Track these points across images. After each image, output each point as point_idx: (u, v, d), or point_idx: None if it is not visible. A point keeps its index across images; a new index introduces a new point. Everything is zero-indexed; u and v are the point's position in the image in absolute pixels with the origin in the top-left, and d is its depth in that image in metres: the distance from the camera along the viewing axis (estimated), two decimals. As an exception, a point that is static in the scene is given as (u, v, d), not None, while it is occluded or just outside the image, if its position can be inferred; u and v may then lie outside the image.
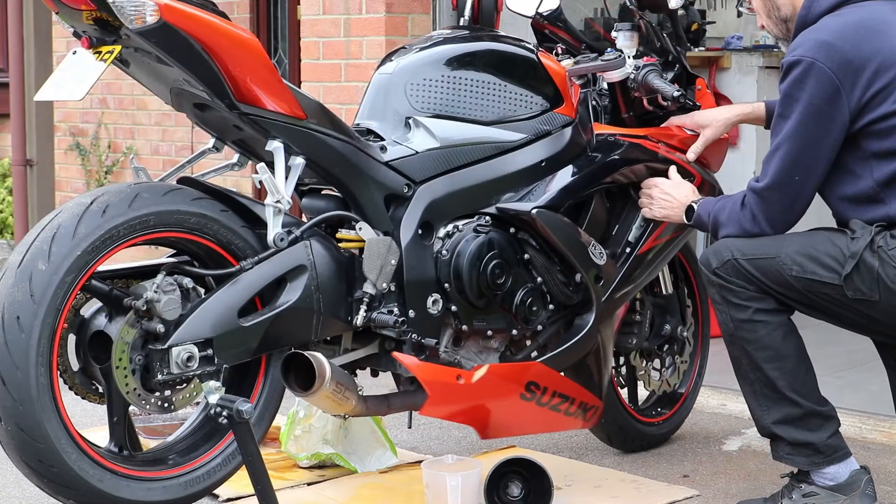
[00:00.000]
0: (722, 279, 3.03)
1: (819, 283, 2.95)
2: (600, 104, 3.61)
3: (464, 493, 3.14)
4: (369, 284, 3.05)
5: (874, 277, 2.89)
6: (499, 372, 3.18)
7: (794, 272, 2.96)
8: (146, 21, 2.71)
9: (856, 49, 2.91)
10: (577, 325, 3.40)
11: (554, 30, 3.69)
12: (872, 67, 2.90)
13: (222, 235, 2.91)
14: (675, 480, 3.59)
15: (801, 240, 3.00)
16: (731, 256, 3.02)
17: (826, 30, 2.95)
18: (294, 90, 2.98)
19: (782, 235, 3.04)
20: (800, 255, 2.96)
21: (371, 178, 3.10)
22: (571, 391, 3.33)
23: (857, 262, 2.89)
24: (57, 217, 2.74)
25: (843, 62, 2.90)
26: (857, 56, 2.91)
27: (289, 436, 3.62)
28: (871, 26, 2.95)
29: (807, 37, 2.96)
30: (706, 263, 3.07)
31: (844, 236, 2.95)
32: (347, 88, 5.80)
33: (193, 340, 2.83)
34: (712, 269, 3.05)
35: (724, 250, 3.05)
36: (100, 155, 7.61)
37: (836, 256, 2.93)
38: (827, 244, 2.96)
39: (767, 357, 3.00)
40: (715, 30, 7.92)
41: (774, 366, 3.00)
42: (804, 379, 3.03)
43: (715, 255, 3.06)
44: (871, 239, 2.90)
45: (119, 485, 2.79)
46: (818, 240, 2.99)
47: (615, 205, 3.55)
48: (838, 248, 2.94)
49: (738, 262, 3.01)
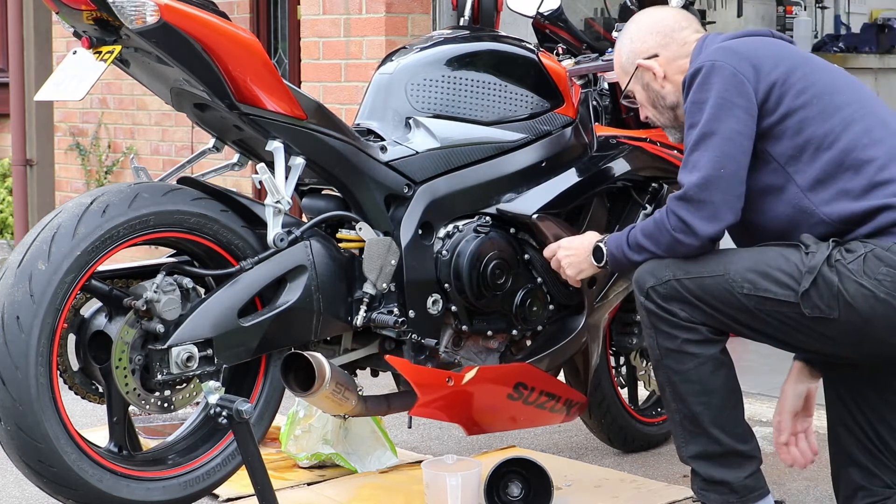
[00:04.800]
0: (653, 303, 2.81)
1: (773, 302, 2.73)
2: (601, 104, 3.61)
3: (464, 493, 3.14)
4: (369, 284, 3.05)
5: (833, 293, 2.68)
6: (488, 374, 3.19)
7: (746, 290, 2.74)
8: (146, 21, 2.72)
9: (754, 52, 2.84)
10: (567, 327, 3.40)
11: (555, 30, 3.69)
12: (770, 64, 2.82)
13: (222, 235, 2.91)
14: (675, 480, 3.59)
15: (750, 256, 2.79)
16: (672, 276, 2.80)
17: (723, 44, 2.89)
18: (294, 90, 2.98)
19: (728, 252, 2.83)
20: (751, 271, 2.75)
21: (371, 179, 3.10)
22: (558, 390, 3.35)
23: (814, 278, 2.69)
24: (57, 217, 2.74)
25: (743, 60, 2.81)
26: (756, 56, 2.83)
27: (289, 436, 3.62)
28: (766, 42, 2.91)
29: (704, 52, 2.89)
30: (640, 282, 2.83)
31: (798, 251, 2.75)
32: (347, 88, 5.80)
33: (193, 340, 2.83)
34: (646, 290, 2.82)
35: (663, 269, 2.82)
36: (100, 155, 7.61)
37: (790, 272, 2.72)
38: (780, 260, 2.75)
39: (693, 391, 2.80)
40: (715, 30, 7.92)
41: (699, 400, 2.80)
42: (729, 414, 2.83)
43: (652, 273, 2.83)
44: (829, 254, 2.71)
45: (119, 485, 2.79)
46: (769, 255, 2.77)
47: (615, 205, 3.55)
48: (793, 264, 2.73)
49: (681, 281, 2.79)
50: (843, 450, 3.00)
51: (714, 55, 2.84)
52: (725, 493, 2.84)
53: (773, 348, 2.90)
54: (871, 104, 2.87)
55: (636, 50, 3.01)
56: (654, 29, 3.00)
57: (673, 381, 2.83)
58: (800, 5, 8.74)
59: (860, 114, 2.82)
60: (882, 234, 2.71)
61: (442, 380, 3.10)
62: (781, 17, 8.67)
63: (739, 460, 2.84)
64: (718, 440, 2.83)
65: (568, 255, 3.09)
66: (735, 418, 2.85)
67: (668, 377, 2.84)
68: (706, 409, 2.82)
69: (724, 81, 2.79)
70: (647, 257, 2.86)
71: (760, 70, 2.81)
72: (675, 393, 2.84)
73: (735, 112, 2.78)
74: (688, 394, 2.82)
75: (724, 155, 2.77)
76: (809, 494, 3.50)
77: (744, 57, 2.83)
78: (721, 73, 2.80)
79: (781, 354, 3.04)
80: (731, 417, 2.84)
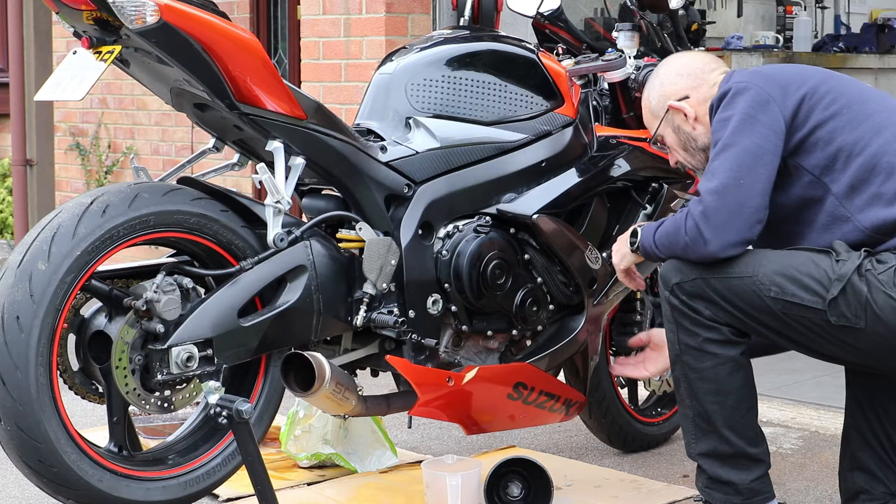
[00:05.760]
0: (678, 299, 2.82)
1: (799, 307, 2.72)
2: (601, 104, 3.61)
3: (464, 493, 3.14)
4: (369, 284, 3.05)
5: (861, 303, 2.67)
6: (488, 374, 3.19)
7: (773, 293, 2.74)
8: (146, 21, 2.71)
9: (781, 73, 2.87)
10: (567, 327, 3.40)
11: (555, 30, 3.69)
12: (798, 81, 2.84)
13: (222, 235, 2.91)
14: (675, 480, 3.59)
15: (779, 259, 2.78)
16: (700, 275, 2.80)
17: (752, 69, 2.92)
18: (294, 90, 2.98)
19: (757, 253, 2.81)
20: (779, 275, 2.74)
21: (371, 179, 3.10)
22: (557, 389, 3.35)
23: (843, 286, 2.68)
24: (57, 217, 2.74)
25: (770, 80, 2.84)
26: (783, 76, 2.86)
27: (289, 436, 3.62)
28: (794, 66, 2.94)
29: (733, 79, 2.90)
30: (666, 277, 2.85)
31: (828, 258, 2.74)
32: (347, 88, 5.80)
33: (193, 340, 2.83)
34: (671, 285, 2.83)
35: (691, 267, 2.81)
36: (100, 155, 7.61)
37: (819, 279, 2.71)
38: (809, 265, 2.74)
39: (708, 390, 2.82)
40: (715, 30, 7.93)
41: (714, 399, 2.82)
42: (743, 417, 2.84)
43: (679, 270, 2.83)
44: (860, 263, 2.70)
45: (118, 485, 2.79)
46: (799, 260, 2.76)
47: (615, 205, 3.55)
48: (822, 270, 2.72)
49: (708, 280, 2.79)
50: (851, 453, 3.01)
51: (741, 78, 2.86)
52: (730, 493, 2.85)
53: None
54: None
55: (666, 93, 3.02)
56: (683, 71, 3.02)
57: (689, 378, 2.84)
58: (800, 5, 8.74)
59: (890, 120, 2.84)
60: None
61: (442, 380, 3.10)
62: (781, 17, 8.66)
63: (748, 463, 2.85)
64: (729, 441, 2.83)
65: (616, 246, 3.09)
66: (748, 421, 2.85)
67: (685, 373, 2.85)
68: (720, 409, 2.82)
69: (750, 100, 2.81)
70: (667, 255, 2.86)
71: (788, 87, 2.83)
72: (691, 390, 2.84)
73: (758, 128, 2.78)
74: (703, 392, 2.82)
75: (742, 165, 2.76)
76: (809, 494, 3.50)
77: (770, 78, 2.85)
78: (747, 92, 2.82)
79: (781, 354, 3.04)
80: (745, 420, 2.85)
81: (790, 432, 4.11)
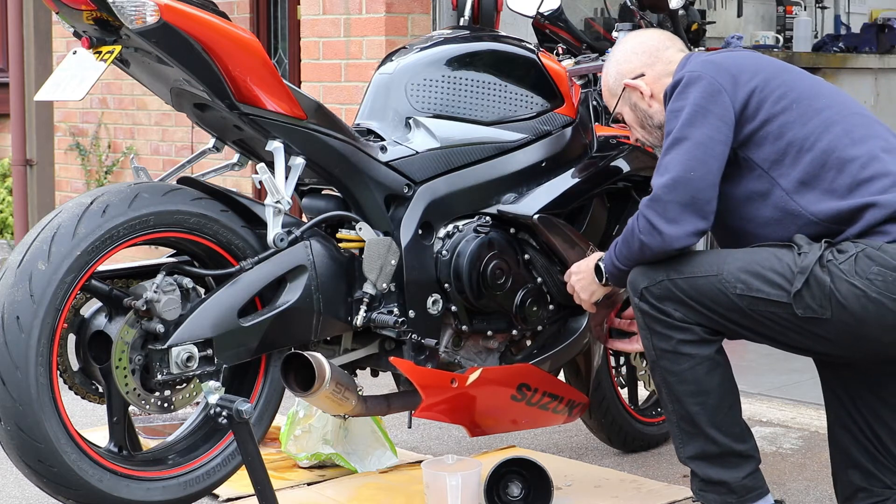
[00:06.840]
0: (647, 303, 2.82)
1: (766, 302, 2.74)
2: (601, 104, 3.61)
3: (464, 493, 3.14)
4: (369, 285, 3.05)
5: (825, 294, 2.69)
6: (492, 375, 3.19)
7: (739, 290, 2.75)
8: (146, 21, 2.72)
9: (734, 63, 2.88)
10: (570, 328, 3.40)
11: (555, 30, 3.69)
12: (749, 73, 2.85)
13: (222, 235, 2.91)
14: (675, 480, 3.59)
15: (743, 256, 2.80)
16: (666, 276, 2.81)
17: (705, 57, 2.92)
18: (294, 90, 2.98)
19: (721, 252, 2.84)
20: (743, 272, 2.76)
21: (371, 179, 3.10)
22: (560, 390, 3.35)
23: (806, 278, 2.70)
24: (57, 217, 2.74)
25: (721, 70, 2.84)
26: (735, 66, 2.86)
27: (289, 436, 3.62)
28: (748, 54, 2.95)
29: (686, 66, 2.91)
30: (634, 284, 2.85)
31: (790, 251, 2.76)
32: (347, 88, 5.80)
33: (193, 340, 2.83)
34: (640, 291, 2.83)
35: (656, 269, 2.82)
36: (100, 155, 7.61)
37: (783, 273, 2.73)
38: (772, 260, 2.76)
39: (688, 391, 2.81)
40: (715, 30, 7.93)
41: (695, 400, 2.81)
42: (726, 414, 2.83)
43: (645, 274, 2.84)
44: (821, 254, 2.71)
45: (118, 485, 2.79)
46: (763, 256, 2.78)
47: (615, 205, 3.55)
48: (785, 264, 2.73)
49: (675, 281, 2.80)
50: (841, 450, 3.00)
51: (694, 67, 2.87)
52: (724, 493, 2.85)
53: (773, 348, 2.90)
54: (852, 107, 2.90)
55: (622, 71, 3.04)
56: (639, 49, 3.04)
57: (669, 382, 2.84)
58: (800, 5, 8.73)
59: (840, 115, 2.85)
60: (871, 234, 2.73)
61: (446, 382, 3.10)
62: (781, 17, 8.66)
63: (737, 460, 2.85)
64: (716, 440, 2.83)
65: (578, 280, 3.12)
66: (732, 418, 2.85)
67: (664, 378, 2.84)
68: (702, 409, 2.82)
69: (701, 90, 2.82)
70: (631, 264, 2.88)
71: (739, 78, 2.84)
72: (672, 394, 2.84)
73: (709, 119, 2.80)
74: (683, 394, 2.82)
75: (694, 158, 2.78)
76: (809, 494, 3.50)
77: (723, 68, 2.86)
78: (699, 82, 2.83)
79: (781, 354, 3.04)
80: (728, 417, 2.85)
81: (790, 432, 4.11)
